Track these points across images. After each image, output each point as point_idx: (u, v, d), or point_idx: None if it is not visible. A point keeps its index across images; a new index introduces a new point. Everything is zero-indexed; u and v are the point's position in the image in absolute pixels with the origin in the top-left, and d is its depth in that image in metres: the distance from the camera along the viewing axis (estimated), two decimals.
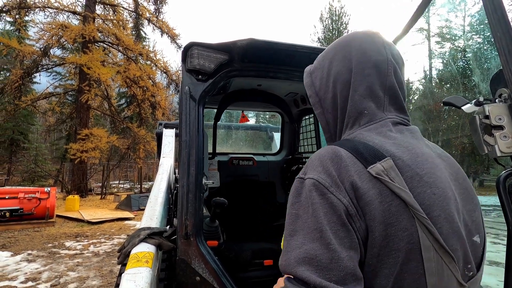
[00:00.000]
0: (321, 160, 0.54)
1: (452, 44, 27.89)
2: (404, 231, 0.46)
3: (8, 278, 4.18)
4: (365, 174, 0.50)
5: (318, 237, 0.46)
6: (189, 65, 1.37)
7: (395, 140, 0.57)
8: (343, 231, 0.46)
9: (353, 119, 0.64)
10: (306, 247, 0.46)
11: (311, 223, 0.48)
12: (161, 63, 15.70)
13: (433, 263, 0.47)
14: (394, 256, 0.47)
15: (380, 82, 0.63)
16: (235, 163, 2.61)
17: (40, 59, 13.46)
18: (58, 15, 13.97)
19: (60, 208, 10.26)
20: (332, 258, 0.44)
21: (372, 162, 0.50)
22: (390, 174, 0.49)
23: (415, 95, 32.62)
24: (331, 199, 0.48)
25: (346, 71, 0.65)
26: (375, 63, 0.63)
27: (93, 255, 5.33)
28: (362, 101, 0.63)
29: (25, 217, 7.43)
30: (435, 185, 0.50)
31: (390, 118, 0.62)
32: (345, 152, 0.53)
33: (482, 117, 0.67)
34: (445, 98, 0.75)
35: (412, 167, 0.51)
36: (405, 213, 0.47)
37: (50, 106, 16.69)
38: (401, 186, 0.48)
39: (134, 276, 1.02)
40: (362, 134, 0.59)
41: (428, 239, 0.47)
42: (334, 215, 0.47)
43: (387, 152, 0.53)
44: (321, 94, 0.71)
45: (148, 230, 1.30)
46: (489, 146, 0.65)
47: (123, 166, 20.58)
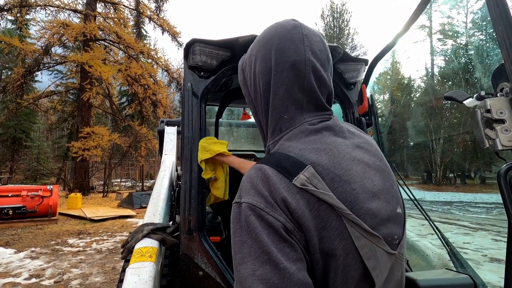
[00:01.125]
0: (252, 183, 0.54)
1: (454, 41, 27.73)
2: (335, 230, 0.50)
3: (12, 274, 4.22)
4: (292, 188, 0.51)
5: (266, 259, 0.47)
6: (191, 61, 1.38)
7: (314, 144, 0.58)
8: (287, 246, 0.48)
9: (274, 124, 0.64)
10: (258, 272, 0.47)
11: (256, 247, 0.48)
12: (162, 61, 15.72)
13: (366, 249, 0.52)
14: (334, 254, 0.51)
15: (298, 84, 0.62)
16: None
17: (41, 58, 13.50)
18: (59, 13, 14.00)
19: (62, 206, 10.32)
20: (284, 276, 0.46)
21: (295, 174, 0.52)
22: (313, 182, 0.51)
23: (417, 93, 32.54)
24: (269, 220, 0.49)
25: (266, 71, 0.64)
26: (292, 64, 0.61)
27: (95, 252, 5.37)
28: (282, 105, 0.62)
29: (28, 214, 7.48)
30: (353, 181, 0.55)
31: (308, 120, 0.62)
32: (271, 170, 0.54)
33: (484, 111, 0.67)
34: (446, 93, 0.76)
35: (331, 170, 0.54)
36: (333, 213, 0.51)
37: (51, 104, 16.76)
38: (324, 191, 0.51)
39: (138, 270, 1.03)
40: (284, 144, 0.60)
41: (357, 230, 0.51)
42: (276, 234, 0.48)
43: (307, 160, 0.55)
44: (252, 94, 0.70)
45: (152, 226, 1.31)
46: (490, 139, 0.66)
47: (125, 164, 20.66)
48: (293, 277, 0.46)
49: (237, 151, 2.67)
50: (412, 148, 30.26)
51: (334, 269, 0.51)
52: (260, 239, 0.48)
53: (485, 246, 6.21)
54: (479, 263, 4.97)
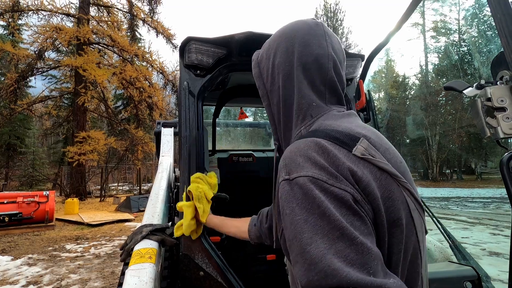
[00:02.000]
0: (304, 155, 0.50)
1: (448, 37, 27.96)
2: (399, 200, 0.50)
3: (9, 282, 4.16)
4: (352, 158, 0.50)
5: (339, 235, 0.42)
6: (187, 60, 1.36)
7: (355, 123, 0.59)
8: (357, 220, 0.45)
9: (304, 110, 0.64)
10: (333, 250, 0.42)
11: (325, 224, 0.43)
12: (157, 64, 15.65)
13: (418, 221, 0.52)
14: (399, 224, 0.49)
15: (321, 77, 0.64)
16: (235, 159, 2.60)
17: (35, 63, 13.37)
18: (52, 17, 13.88)
19: (59, 211, 10.22)
20: (363, 251, 0.42)
21: (352, 145, 0.51)
22: (370, 152, 0.51)
23: (411, 90, 32.75)
24: (335, 192, 0.45)
25: (288, 63, 0.66)
26: (316, 57, 0.64)
27: (94, 257, 5.32)
28: (309, 94, 0.64)
29: (24, 221, 7.39)
30: (397, 156, 0.56)
31: (334, 109, 0.65)
32: (325, 142, 0.52)
33: (484, 100, 0.67)
34: (446, 83, 0.75)
35: (380, 143, 0.55)
36: (393, 183, 0.50)
37: (46, 109, 16.60)
38: (382, 161, 0.51)
39: (138, 272, 1.01)
40: (324, 123, 0.60)
41: (412, 202, 0.51)
42: (344, 207, 0.45)
43: (357, 133, 0.54)
44: (268, 86, 0.71)
45: (150, 227, 1.29)
46: (491, 128, 0.65)
47: (122, 168, 20.53)
48: (372, 251, 0.42)
49: (235, 150, 2.66)
50: (408, 145, 30.45)
51: (398, 242, 0.49)
52: (329, 214, 0.44)
53: (483, 240, 6.25)
54: (478, 257, 4.99)
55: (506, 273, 0.66)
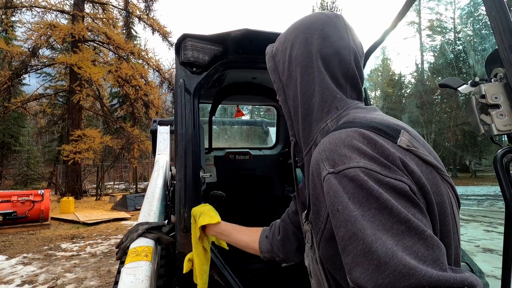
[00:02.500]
0: (350, 145, 0.45)
1: (443, 37, 28.14)
2: (445, 195, 0.47)
3: (4, 282, 4.13)
4: (399, 149, 0.46)
5: (405, 229, 0.37)
6: (183, 57, 1.36)
7: (385, 116, 0.56)
8: (418, 212, 0.40)
9: (329, 104, 0.60)
10: (401, 246, 0.36)
11: (386, 218, 0.38)
12: (153, 62, 15.54)
13: (457, 217, 0.51)
14: (448, 220, 0.46)
15: (342, 70, 0.61)
16: (232, 157, 2.60)
17: (28, 60, 13.21)
18: (46, 14, 13.71)
19: (54, 210, 10.14)
20: (433, 245, 0.37)
21: (396, 136, 0.48)
22: (414, 144, 0.48)
23: (407, 89, 32.96)
24: (392, 183, 0.41)
25: (307, 54, 0.63)
26: (337, 49, 0.61)
27: (90, 256, 5.29)
28: (332, 86, 0.61)
29: (19, 220, 7.33)
30: (432, 150, 0.53)
31: (357, 103, 0.62)
32: (369, 132, 0.47)
33: (479, 97, 0.67)
34: (441, 80, 0.76)
35: (418, 137, 0.52)
36: (438, 177, 0.47)
37: (41, 107, 16.43)
38: (426, 153, 0.48)
39: (134, 270, 1.01)
40: (357, 115, 0.55)
41: (453, 197, 0.49)
42: (403, 199, 0.40)
43: (397, 125, 0.51)
44: (284, 79, 0.68)
45: (147, 225, 1.28)
46: (485, 125, 0.66)
47: (118, 166, 20.41)
48: (441, 245, 0.38)
49: (232, 148, 2.66)
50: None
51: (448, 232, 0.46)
52: (390, 206, 0.39)
53: (477, 237, 6.33)
54: (472, 253, 5.06)
55: (500, 269, 0.67)
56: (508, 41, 0.63)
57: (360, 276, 0.38)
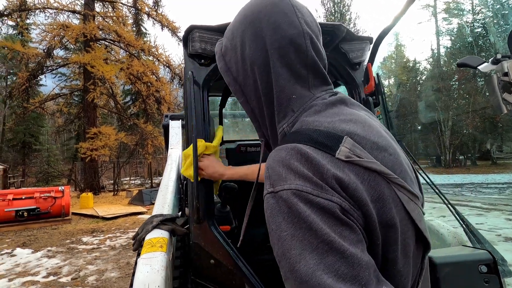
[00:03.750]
0: (286, 166, 0.47)
1: (460, 20, 26.90)
2: (389, 198, 0.47)
3: (30, 273, 4.34)
4: (338, 162, 0.46)
5: (328, 249, 0.41)
6: (191, 49, 1.34)
7: (339, 116, 0.54)
8: (346, 229, 0.43)
9: (285, 106, 0.58)
10: (323, 265, 0.40)
11: (312, 238, 0.41)
12: (163, 58, 15.66)
13: (415, 211, 0.50)
14: (393, 223, 0.47)
15: (300, 60, 0.57)
16: (243, 149, 2.59)
17: (44, 61, 13.59)
18: (58, 15, 14.02)
19: (75, 206, 10.53)
20: (353, 263, 0.40)
21: (335, 147, 0.47)
22: (356, 153, 0.47)
23: (423, 75, 31.89)
24: (321, 203, 0.43)
25: (261, 52, 0.58)
26: (290, 38, 0.56)
27: (109, 249, 5.48)
28: (288, 85, 0.58)
29: (42, 216, 7.65)
30: (388, 147, 0.52)
31: (318, 96, 0.58)
32: (307, 147, 0.48)
33: (501, 75, 0.63)
34: (459, 60, 0.72)
35: (368, 138, 0.50)
36: (382, 181, 0.47)
37: (57, 107, 16.97)
38: (369, 159, 0.47)
39: (150, 261, 1.03)
40: (306, 121, 0.54)
41: (405, 194, 0.49)
42: (331, 218, 0.42)
43: (341, 131, 0.50)
44: (240, 80, 0.63)
45: (161, 217, 1.31)
46: (509, 104, 0.62)
47: (133, 162, 20.91)
48: (362, 261, 0.41)
49: (243, 141, 2.65)
50: (420, 131, 29.85)
51: (395, 241, 0.48)
52: (316, 228, 0.41)
53: (499, 225, 6.13)
54: (493, 242, 4.90)
55: None
56: None
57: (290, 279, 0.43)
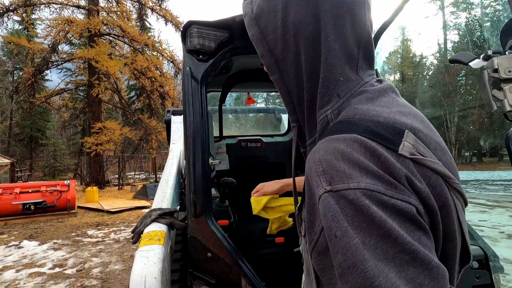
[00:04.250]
0: (349, 160, 0.39)
1: (469, 14, 26.39)
2: (451, 208, 0.42)
3: (37, 265, 4.44)
4: (403, 160, 0.39)
5: (409, 259, 0.34)
6: (189, 45, 1.35)
7: (394, 107, 0.46)
8: (423, 234, 0.37)
9: (330, 90, 0.49)
10: (404, 279, 0.33)
11: (389, 247, 0.34)
12: (167, 53, 15.66)
13: (465, 222, 0.46)
14: (453, 237, 0.43)
15: (355, 35, 0.48)
16: (244, 145, 2.61)
17: (49, 56, 13.68)
18: (63, 10, 14.05)
19: (80, 199, 10.68)
20: (438, 275, 0.35)
21: (398, 142, 0.40)
22: (419, 150, 0.41)
23: (429, 71, 31.45)
24: (398, 206, 0.36)
25: (311, 19, 0.48)
26: (350, 7, 0.47)
27: (114, 242, 5.57)
28: (338, 65, 0.48)
29: (48, 209, 7.78)
30: (446, 149, 0.46)
31: (367, 81, 0.50)
32: (369, 140, 0.40)
33: (491, 71, 0.63)
34: (452, 56, 0.71)
35: (431, 136, 0.44)
36: (445, 187, 0.41)
37: (63, 102, 17.10)
38: (434, 160, 0.41)
39: (147, 253, 1.05)
40: (359, 108, 0.46)
41: (460, 203, 0.44)
42: (409, 222, 0.36)
43: (402, 124, 0.43)
44: (277, 53, 0.52)
45: (159, 211, 1.33)
46: (498, 101, 0.62)
47: (138, 157, 21.07)
48: (445, 273, 0.36)
49: (243, 136, 2.67)
50: None
51: (452, 256, 0.43)
52: (394, 235, 0.34)
53: (502, 223, 6.08)
54: (496, 240, 4.88)
55: None
56: None
57: None
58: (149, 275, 0.98)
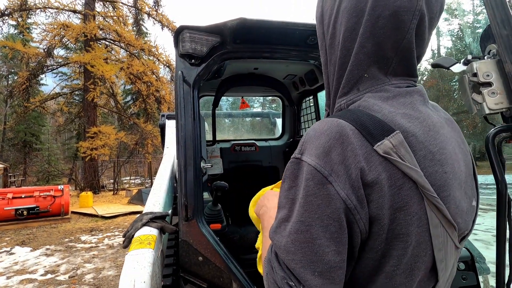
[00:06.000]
0: (322, 140, 0.45)
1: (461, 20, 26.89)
2: (414, 215, 0.44)
3: (28, 271, 4.37)
4: (373, 156, 0.43)
5: (306, 230, 0.43)
6: (181, 49, 1.36)
7: (405, 108, 0.48)
8: (334, 226, 0.43)
9: (352, 83, 0.53)
10: (293, 237, 0.44)
11: (303, 215, 0.44)
12: (164, 57, 15.68)
13: (440, 238, 0.46)
14: (403, 240, 0.45)
15: (394, 39, 0.49)
16: (238, 149, 2.62)
17: (44, 60, 13.61)
18: (59, 15, 14.03)
19: (74, 205, 10.55)
20: (317, 252, 0.43)
21: (378, 138, 0.43)
22: (399, 152, 0.43)
23: (424, 76, 31.85)
24: (328, 190, 0.43)
25: (356, 12, 0.51)
26: (396, 11, 0.48)
27: (108, 248, 5.50)
28: (366, 62, 0.51)
29: (41, 214, 7.68)
30: (446, 163, 0.47)
31: (394, 83, 0.52)
32: (350, 129, 0.45)
33: (470, 76, 0.65)
34: (433, 60, 0.73)
35: (425, 144, 0.46)
36: (416, 195, 0.43)
37: (58, 106, 17.00)
38: (411, 165, 0.43)
39: (137, 257, 1.05)
40: (368, 101, 0.49)
41: (437, 217, 0.45)
42: (328, 208, 0.43)
43: (397, 125, 0.45)
44: (327, 38, 0.57)
45: (151, 215, 1.32)
46: (477, 104, 0.64)
47: (133, 162, 20.91)
48: (324, 257, 0.43)
49: (237, 140, 2.67)
50: None
51: (399, 256, 0.45)
52: (310, 209, 0.44)
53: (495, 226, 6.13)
54: (489, 243, 4.92)
55: None
56: (500, 15, 0.60)
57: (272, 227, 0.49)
58: (139, 279, 0.98)
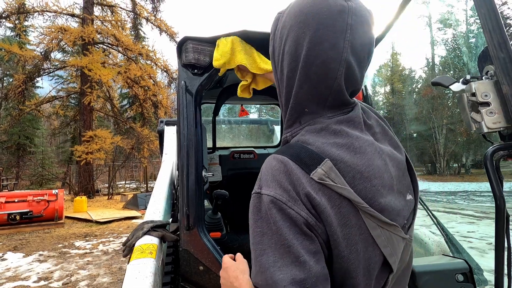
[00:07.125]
0: (274, 174, 0.54)
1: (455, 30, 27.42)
2: (355, 226, 0.52)
3: (21, 278, 4.29)
4: (312, 183, 0.51)
5: (287, 252, 0.49)
6: (184, 59, 1.39)
7: (335, 138, 0.56)
8: (306, 239, 0.50)
9: (295, 117, 0.61)
10: (279, 264, 0.49)
11: (277, 240, 0.50)
12: (161, 62, 15.73)
13: (382, 237, 0.54)
14: (356, 250, 0.52)
15: (326, 83, 0.57)
16: (236, 157, 2.63)
17: (41, 63, 13.56)
18: (57, 18, 14.04)
19: (68, 209, 10.41)
20: (304, 268, 0.48)
21: (312, 168, 0.52)
22: (331, 176, 0.51)
23: (418, 84, 32.30)
24: (290, 214, 0.50)
25: (295, 57, 0.58)
26: (325, 60, 0.54)
27: (102, 254, 5.43)
28: (305, 100, 0.59)
29: (34, 219, 7.56)
30: (374, 177, 0.54)
31: (330, 116, 0.59)
32: (292, 163, 0.53)
33: (469, 95, 0.68)
34: (433, 79, 0.76)
35: (353, 167, 0.53)
36: (353, 210, 0.51)
37: (54, 109, 16.85)
38: (342, 186, 0.51)
39: (139, 267, 1.05)
40: (304, 136, 0.58)
41: (373, 221, 0.53)
42: (296, 228, 0.50)
43: (327, 154, 0.53)
44: (278, 72, 0.64)
45: (151, 223, 1.33)
46: (476, 123, 0.66)
47: (129, 166, 20.77)
48: (312, 269, 0.48)
49: (236, 147, 2.69)
50: (415, 140, 30.10)
51: (356, 265, 0.52)
52: (282, 232, 0.49)
53: (490, 234, 6.18)
54: (483, 251, 4.95)
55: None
56: (497, 38, 0.63)
57: (252, 271, 0.53)
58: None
